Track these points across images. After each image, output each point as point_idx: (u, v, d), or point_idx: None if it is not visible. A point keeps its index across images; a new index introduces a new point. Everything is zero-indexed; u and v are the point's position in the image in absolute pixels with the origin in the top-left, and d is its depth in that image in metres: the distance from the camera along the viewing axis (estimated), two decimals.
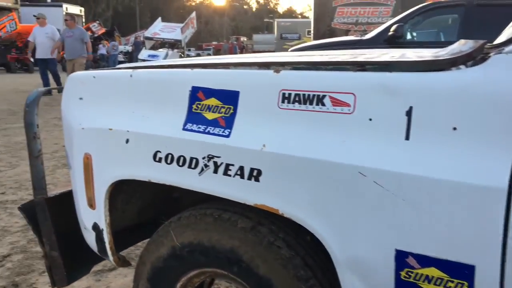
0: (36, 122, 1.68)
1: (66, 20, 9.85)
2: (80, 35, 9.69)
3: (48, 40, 10.09)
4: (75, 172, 1.57)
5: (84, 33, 9.94)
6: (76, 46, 9.60)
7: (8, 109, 8.06)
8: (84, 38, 9.72)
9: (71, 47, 9.62)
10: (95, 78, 1.55)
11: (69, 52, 9.70)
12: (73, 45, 9.59)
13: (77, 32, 9.69)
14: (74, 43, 9.57)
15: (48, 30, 10.38)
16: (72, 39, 9.58)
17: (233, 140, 1.23)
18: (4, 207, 3.31)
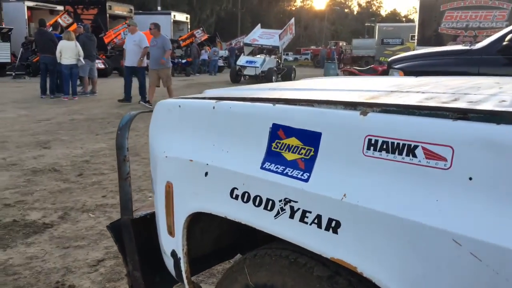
0: (126, 146, 1.74)
1: (150, 29, 9.49)
2: (162, 43, 9.34)
3: (136, 47, 9.78)
4: (157, 199, 1.60)
5: (166, 42, 9.54)
6: (160, 56, 9.32)
7: (117, 112, 8.74)
8: (165, 46, 9.37)
9: (155, 56, 9.38)
10: (180, 107, 1.56)
11: (152, 61, 9.47)
12: (157, 54, 9.33)
13: (160, 41, 9.35)
14: (157, 52, 9.30)
15: (136, 37, 9.95)
16: (156, 48, 9.32)
17: (311, 186, 1.14)
18: (103, 211, 3.56)
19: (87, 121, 7.65)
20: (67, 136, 6.32)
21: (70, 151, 5.46)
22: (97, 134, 6.55)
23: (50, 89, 10.60)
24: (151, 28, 9.40)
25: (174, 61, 20.91)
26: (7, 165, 4.74)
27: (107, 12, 23.70)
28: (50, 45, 10.40)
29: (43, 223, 3.23)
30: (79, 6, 24.79)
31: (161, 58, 9.24)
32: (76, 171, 4.63)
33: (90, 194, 3.94)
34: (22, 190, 3.95)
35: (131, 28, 10.27)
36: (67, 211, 3.49)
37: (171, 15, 27.83)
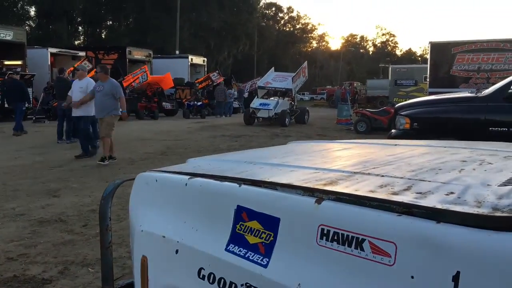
0: (109, 215, 1.79)
1: (96, 72, 8.44)
2: (111, 89, 8.04)
3: (82, 94, 8.72)
4: (134, 271, 1.63)
5: (116, 88, 8.16)
6: (105, 102, 8.01)
7: (129, 157, 8.90)
8: (115, 94, 8.06)
9: (99, 103, 8.15)
10: (157, 181, 1.61)
11: (97, 108, 8.26)
12: (101, 101, 8.08)
13: (107, 86, 8.07)
14: (102, 98, 8.05)
15: (83, 83, 8.96)
16: (101, 94, 8.07)
17: (270, 272, 1.16)
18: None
19: (98, 167, 7.80)
20: (77, 184, 6.44)
21: (78, 200, 5.55)
22: (106, 181, 6.64)
23: (66, 134, 10.88)
24: (96, 72, 8.45)
25: (189, 103, 21.39)
26: (15, 215, 4.84)
27: (127, 57, 24.53)
28: (67, 92, 10.76)
29: (42, 278, 3.26)
30: (100, 51, 25.78)
31: (107, 105, 8.01)
32: (82, 221, 4.69)
33: (92, 246, 3.97)
34: (26, 243, 4.01)
35: (79, 73, 9.31)
36: (67, 266, 3.52)
37: (189, 59, 28.65)
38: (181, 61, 28.49)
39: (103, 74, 8.30)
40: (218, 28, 45.06)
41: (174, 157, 9.06)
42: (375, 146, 1.97)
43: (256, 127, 17.01)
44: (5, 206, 5.15)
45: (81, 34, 50.16)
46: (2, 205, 5.19)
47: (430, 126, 6.04)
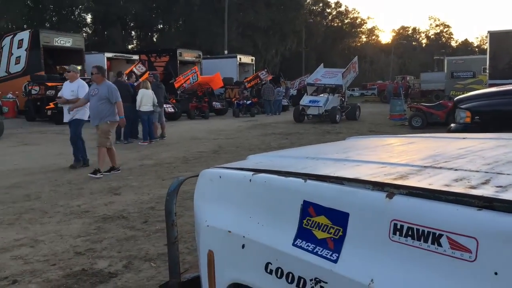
0: (174, 211, 1.84)
1: (92, 74, 7.51)
2: (106, 93, 7.13)
3: (73, 98, 7.85)
4: (201, 265, 1.67)
5: (111, 91, 7.21)
6: (100, 108, 7.14)
7: (183, 156, 9.13)
8: (111, 98, 7.15)
9: (93, 108, 7.25)
10: (220, 177, 1.64)
11: (92, 115, 7.35)
12: (95, 106, 7.20)
13: (102, 89, 7.18)
14: (97, 103, 7.16)
15: (74, 85, 7.97)
16: (96, 98, 7.18)
17: (340, 267, 1.15)
18: (164, 260, 3.68)
19: (155, 166, 8.06)
20: (136, 182, 6.68)
21: (138, 198, 5.76)
22: (163, 180, 6.86)
23: (124, 135, 11.32)
24: (92, 73, 7.46)
25: (239, 102, 21.59)
26: (81, 212, 5.10)
27: (177, 59, 25.16)
28: (126, 95, 11.18)
29: (109, 272, 3.42)
30: (152, 54, 26.62)
31: (102, 111, 7.14)
32: (142, 218, 4.87)
33: (153, 242, 4.11)
34: (92, 238, 4.22)
35: (70, 75, 8.26)
36: (131, 260, 3.66)
37: (237, 58, 28.94)
38: (229, 61, 28.83)
39: (98, 76, 7.34)
40: (265, 26, 45.14)
41: (226, 155, 9.19)
42: (442, 139, 1.90)
43: (306, 124, 16.91)
44: (71, 204, 5.44)
45: (134, 39, 51.93)
46: (68, 203, 5.48)
47: (492, 119, 5.75)
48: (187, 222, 4.73)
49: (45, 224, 4.68)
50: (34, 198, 5.74)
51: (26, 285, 3.19)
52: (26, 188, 6.30)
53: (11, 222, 4.71)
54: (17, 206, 5.37)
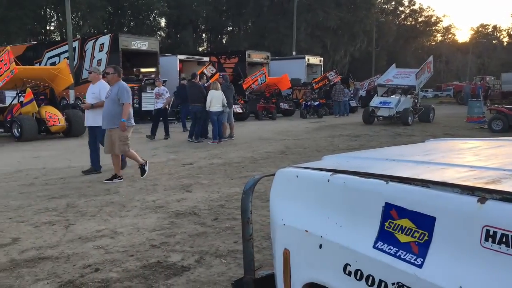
0: (250, 209, 1.88)
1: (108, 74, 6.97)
2: (117, 94, 6.66)
3: (95, 100, 7.35)
4: (276, 263, 1.68)
5: (122, 91, 6.68)
6: (113, 111, 6.66)
7: (251, 156, 9.26)
8: (120, 99, 6.64)
9: (106, 111, 6.79)
10: (297, 177, 1.64)
11: (104, 118, 6.82)
12: (108, 108, 6.75)
13: (114, 90, 6.73)
14: (110, 105, 6.73)
15: (96, 88, 7.44)
16: (109, 100, 6.77)
17: (425, 273, 1.11)
18: (234, 257, 3.77)
19: (224, 165, 8.24)
20: (206, 180, 6.88)
21: (208, 195, 5.93)
22: (232, 179, 7.00)
23: (195, 135, 11.70)
24: (108, 73, 6.94)
25: (306, 103, 21.48)
26: (156, 207, 5.34)
27: (246, 60, 25.54)
28: (199, 96, 11.59)
29: (182, 266, 3.55)
30: (222, 56, 27.24)
31: (116, 113, 6.65)
32: (212, 215, 5.00)
33: (223, 239, 4.21)
34: (166, 232, 4.40)
35: (92, 76, 7.66)
36: (202, 255, 3.78)
37: (305, 59, 28.81)
38: (297, 62, 28.78)
39: (114, 76, 6.82)
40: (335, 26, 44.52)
41: (293, 156, 9.19)
42: None
43: (376, 126, 16.45)
44: (147, 199, 5.71)
45: (204, 41, 53.52)
46: (144, 198, 5.76)
47: None
48: (255, 220, 4.77)
49: (124, 217, 4.95)
50: (114, 193, 6.10)
51: (107, 274, 3.40)
52: (106, 183, 6.70)
53: (94, 214, 5.04)
54: (99, 199, 5.73)
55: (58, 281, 3.27)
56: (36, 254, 3.82)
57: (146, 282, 3.25)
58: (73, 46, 21.74)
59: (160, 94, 12.46)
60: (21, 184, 6.67)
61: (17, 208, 5.30)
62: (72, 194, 6.01)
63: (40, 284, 3.23)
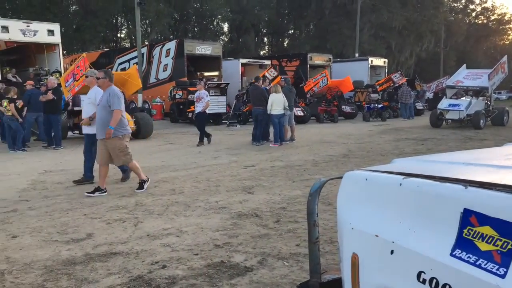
0: (316, 211, 1.86)
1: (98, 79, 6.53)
2: (107, 100, 6.19)
3: (91, 106, 6.83)
4: (343, 267, 1.65)
5: (112, 96, 6.18)
6: (105, 118, 6.19)
7: (312, 159, 9.17)
8: (111, 104, 6.14)
9: (98, 119, 6.35)
10: (367, 180, 1.60)
11: (97, 126, 6.36)
12: (100, 116, 6.29)
13: (105, 96, 6.29)
14: (102, 113, 6.25)
15: (91, 93, 6.88)
16: (100, 107, 6.31)
17: (509, 283, 1.04)
18: (297, 260, 3.74)
19: (285, 168, 8.24)
20: (268, 183, 6.91)
21: (269, 197, 5.95)
22: (293, 181, 6.98)
23: (256, 137, 11.81)
24: (98, 78, 6.48)
25: (369, 105, 20.95)
26: (219, 208, 5.44)
27: (307, 63, 25.43)
28: (261, 99, 11.70)
29: (245, 266, 3.59)
30: (283, 59, 27.32)
31: (109, 121, 6.14)
32: (274, 217, 5.02)
33: (285, 241, 4.20)
34: (229, 233, 4.47)
35: (88, 80, 7.07)
36: (265, 257, 3.80)
37: (368, 61, 28.17)
38: (360, 64, 28.21)
39: (105, 81, 6.36)
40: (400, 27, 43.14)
41: (356, 159, 9.00)
42: None
43: (444, 129, 15.72)
44: (210, 200, 5.84)
45: (266, 44, 53.96)
46: (207, 198, 5.90)
47: None
48: None
49: (188, 216, 5.09)
50: (179, 193, 6.30)
51: (173, 271, 3.51)
52: (172, 183, 6.94)
53: (160, 213, 5.24)
54: (165, 198, 5.95)
55: (129, 276, 3.42)
56: (108, 249, 4.02)
57: (211, 280, 3.32)
58: (142, 52, 22.75)
59: (200, 97, 11.88)
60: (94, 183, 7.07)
61: (91, 205, 5.62)
62: (140, 193, 6.28)
63: (112, 278, 3.40)
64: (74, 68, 13.14)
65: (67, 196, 6.16)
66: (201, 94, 11.85)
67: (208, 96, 12.04)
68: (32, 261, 3.72)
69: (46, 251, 3.98)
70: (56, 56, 16.95)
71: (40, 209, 5.43)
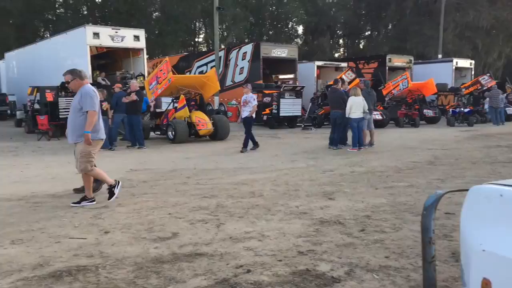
0: (432, 227, 1.68)
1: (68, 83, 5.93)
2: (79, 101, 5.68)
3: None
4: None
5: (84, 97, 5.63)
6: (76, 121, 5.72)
7: (395, 166, 8.73)
8: (83, 105, 5.62)
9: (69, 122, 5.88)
10: (502, 196, 1.40)
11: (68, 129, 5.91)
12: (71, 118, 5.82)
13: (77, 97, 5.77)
14: (72, 115, 5.78)
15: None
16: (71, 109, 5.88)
17: None
18: (387, 273, 3.52)
19: (366, 173, 7.92)
20: (349, 189, 6.67)
21: (352, 204, 5.73)
22: (376, 188, 6.68)
23: (333, 142, 11.54)
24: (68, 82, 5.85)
25: (455, 110, 19.71)
26: (299, 213, 5.32)
27: (386, 65, 24.54)
28: (340, 102, 11.41)
29: (332, 276, 3.43)
30: (360, 61, 26.62)
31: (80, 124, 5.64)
32: (358, 226, 4.80)
33: (373, 252, 3.98)
34: (312, 240, 4.34)
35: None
36: (352, 268, 3.62)
37: (453, 62, 26.57)
38: (444, 66, 26.67)
39: (75, 82, 5.75)
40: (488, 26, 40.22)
41: (444, 167, 8.45)
42: None
43: None
44: (290, 204, 5.74)
45: (341, 46, 52.99)
46: (287, 203, 5.80)
47: None
48: (407, 236, 4.47)
49: (269, 220, 5.03)
50: (258, 196, 6.27)
51: (258, 276, 3.45)
52: (251, 186, 6.94)
53: (241, 216, 5.23)
54: (245, 201, 5.94)
55: (214, 278, 3.42)
56: (193, 249, 4.07)
57: None
58: (219, 55, 23.30)
59: (247, 101, 11.36)
60: (176, 183, 7.27)
61: (174, 204, 5.76)
62: (221, 194, 6.34)
63: (198, 279, 3.41)
64: (158, 72, 13.75)
65: (152, 195, 6.37)
66: (248, 98, 11.41)
67: (255, 100, 11.56)
68: (123, 257, 3.85)
69: (136, 248, 4.11)
70: (140, 60, 17.85)
71: (129, 207, 5.66)
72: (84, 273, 3.51)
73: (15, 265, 3.70)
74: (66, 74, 5.82)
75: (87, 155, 5.69)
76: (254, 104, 11.41)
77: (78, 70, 5.90)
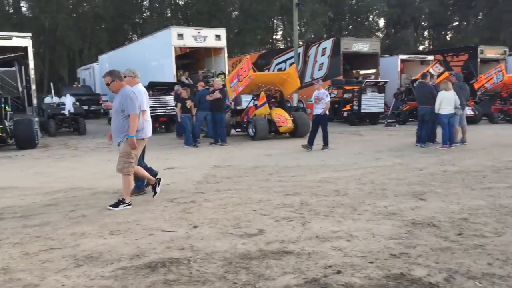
0: None
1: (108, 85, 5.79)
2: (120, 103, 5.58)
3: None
4: None
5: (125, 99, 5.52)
6: (119, 123, 5.65)
7: (492, 165, 8.04)
8: (125, 109, 5.54)
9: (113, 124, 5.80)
10: None
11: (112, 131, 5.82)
12: (113, 121, 5.77)
13: (118, 99, 5.65)
14: (115, 118, 5.72)
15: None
16: (113, 112, 5.81)
17: None
18: (491, 281, 3.21)
19: (460, 173, 7.40)
20: (441, 189, 6.27)
21: (446, 206, 5.36)
22: (472, 189, 6.21)
23: (421, 139, 10.96)
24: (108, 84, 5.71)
25: None
26: (388, 213, 5.09)
27: (478, 57, 22.86)
28: (429, 97, 10.77)
29: (429, 282, 3.22)
30: (448, 54, 25.06)
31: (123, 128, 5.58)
32: (455, 229, 4.47)
33: (474, 258, 3.68)
34: (404, 242, 4.11)
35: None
36: (451, 274, 3.37)
37: None
38: None
39: (115, 84, 5.64)
40: None
41: None
42: None
43: None
44: (378, 204, 5.51)
45: (426, 39, 50.34)
46: (375, 203, 5.58)
47: None
48: (511, 241, 4.08)
49: (356, 220, 4.86)
50: (343, 194, 6.10)
51: (349, 278, 3.33)
52: (335, 184, 6.78)
53: (326, 214, 5.11)
54: (329, 199, 5.81)
55: (303, 277, 3.35)
56: (280, 247, 4.04)
57: None
58: (298, 52, 23.17)
59: (320, 98, 10.91)
60: (259, 179, 7.31)
61: (259, 201, 5.79)
62: (304, 192, 6.26)
63: (288, 277, 3.36)
64: (239, 70, 13.98)
65: (236, 191, 6.46)
66: (321, 94, 10.97)
67: (328, 97, 11.07)
68: (213, 252, 3.93)
69: (224, 243, 4.17)
70: (221, 59, 18.28)
71: (214, 202, 5.78)
72: (177, 265, 3.62)
73: (114, 254, 3.92)
74: (106, 76, 5.73)
75: (126, 155, 5.60)
76: (327, 100, 10.96)
77: (117, 71, 5.82)
